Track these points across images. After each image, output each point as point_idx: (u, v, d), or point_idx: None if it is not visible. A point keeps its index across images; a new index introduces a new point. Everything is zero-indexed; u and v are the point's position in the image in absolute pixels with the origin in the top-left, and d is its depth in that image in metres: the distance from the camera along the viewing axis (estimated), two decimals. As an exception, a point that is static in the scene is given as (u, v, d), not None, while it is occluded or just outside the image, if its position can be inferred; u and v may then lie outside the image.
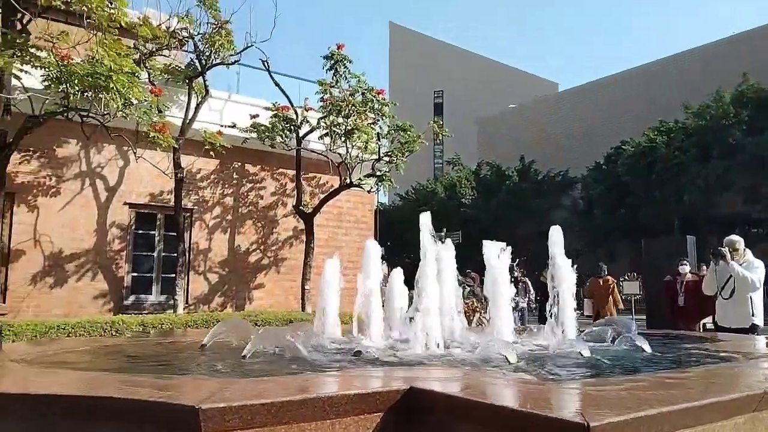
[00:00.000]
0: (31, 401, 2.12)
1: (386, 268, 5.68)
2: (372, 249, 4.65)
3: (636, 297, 12.57)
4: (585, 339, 4.40)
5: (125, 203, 9.92)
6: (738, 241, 7.15)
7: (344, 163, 10.47)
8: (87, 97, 7.85)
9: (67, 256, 9.29)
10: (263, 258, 11.30)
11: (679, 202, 36.45)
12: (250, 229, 11.23)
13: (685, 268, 9.17)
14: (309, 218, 10.55)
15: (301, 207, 10.61)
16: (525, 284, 14.64)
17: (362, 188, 11.12)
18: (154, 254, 10.22)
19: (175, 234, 9.61)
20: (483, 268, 4.66)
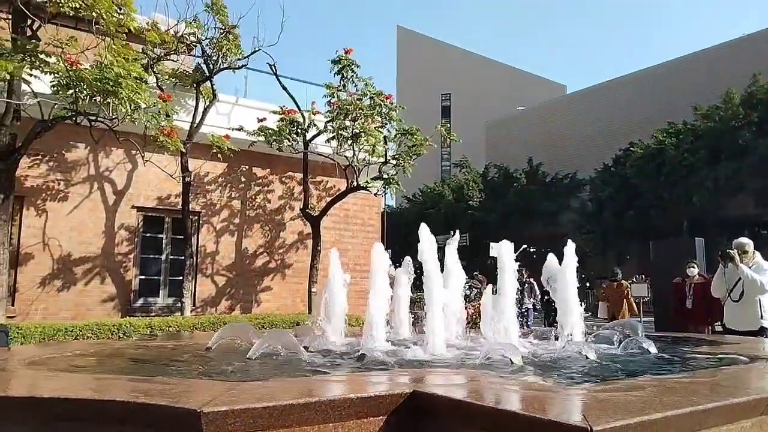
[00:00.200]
0: (34, 404, 2.13)
1: (393, 271, 5.68)
2: (378, 252, 4.64)
3: (644, 299, 12.52)
4: (592, 342, 4.39)
5: (133, 207, 9.97)
6: (747, 244, 7.09)
7: (351, 166, 10.48)
8: (95, 102, 7.90)
9: (76, 259, 9.35)
10: (270, 261, 11.33)
11: (688, 204, 36.19)
12: (257, 232, 11.26)
13: (694, 271, 9.08)
14: (316, 221, 10.56)
15: (308, 210, 10.63)
16: (531, 285, 14.60)
17: (369, 191, 11.12)
18: (162, 257, 10.27)
19: (183, 237, 9.66)
20: (490, 270, 4.68)
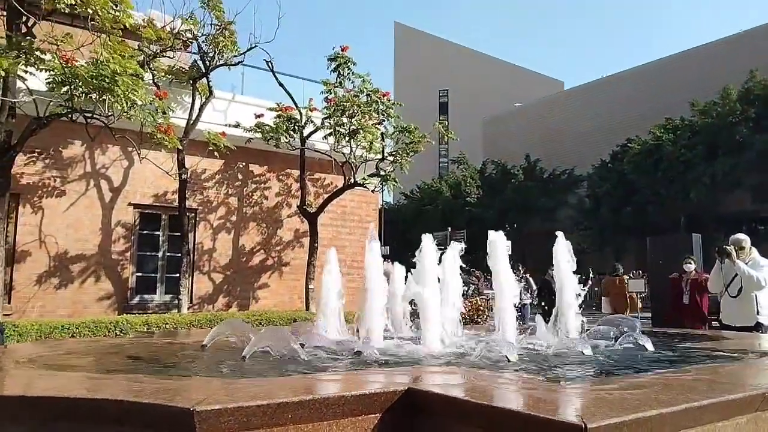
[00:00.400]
0: (28, 404, 2.13)
1: (390, 267, 5.68)
2: (374, 248, 4.63)
3: (641, 295, 12.59)
4: (588, 338, 4.39)
5: (130, 204, 9.95)
6: (744, 240, 7.10)
7: (348, 163, 10.46)
8: (91, 99, 7.88)
9: (72, 257, 9.33)
10: (267, 258, 11.32)
11: (686, 200, 36.26)
12: (254, 229, 11.25)
13: (690, 267, 9.11)
14: (313, 218, 10.55)
15: (305, 207, 10.62)
16: (527, 281, 14.64)
17: (366, 188, 11.10)
18: (159, 254, 10.25)
19: (180, 234, 9.64)
20: (486, 267, 4.67)
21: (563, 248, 4.55)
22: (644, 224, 36.20)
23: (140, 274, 10.05)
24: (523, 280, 14.58)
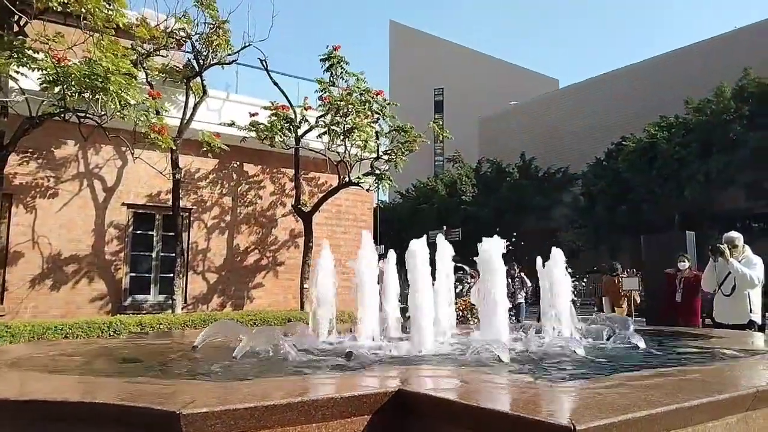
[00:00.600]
0: (14, 407, 2.11)
1: (383, 265, 5.67)
2: (366, 249, 4.62)
3: (637, 293, 12.59)
4: (581, 337, 4.39)
5: (123, 204, 9.91)
6: (737, 238, 7.13)
7: (343, 162, 10.44)
8: (84, 99, 7.83)
9: (65, 257, 9.29)
10: (262, 258, 11.29)
11: (680, 198, 36.32)
12: (249, 229, 11.22)
13: (685, 265, 9.12)
14: (308, 217, 10.53)
15: (300, 206, 10.59)
16: (522, 280, 14.62)
17: (361, 187, 11.08)
18: (153, 254, 10.21)
19: (174, 234, 9.60)
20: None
21: (559, 252, 4.56)
22: (639, 222, 36.25)
23: (134, 275, 10.01)
24: (518, 279, 14.56)
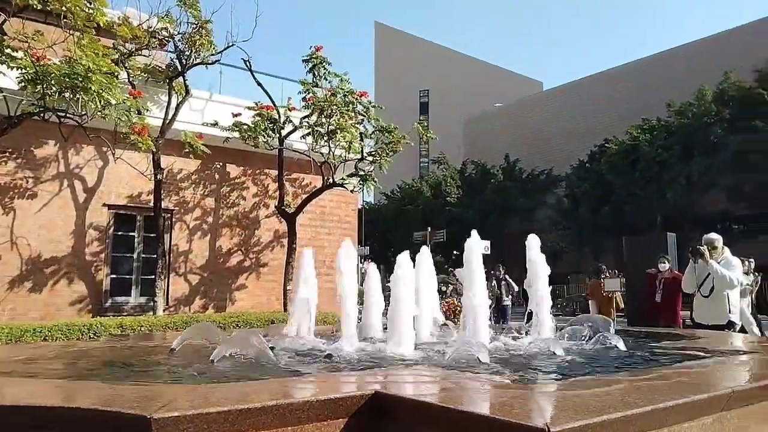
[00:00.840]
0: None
1: (369, 267, 5.66)
2: (347, 249, 4.60)
3: (616, 294, 12.69)
4: (562, 338, 4.41)
5: (104, 204, 9.79)
6: (716, 239, 7.21)
7: (327, 163, 10.41)
8: (64, 98, 7.74)
9: (45, 259, 9.16)
10: (245, 259, 11.22)
11: (662, 200, 36.75)
12: (232, 230, 11.13)
13: (665, 266, 9.22)
14: (291, 218, 10.48)
15: (284, 207, 10.54)
16: (507, 282, 14.70)
17: (345, 188, 11.05)
18: (134, 256, 10.10)
19: (155, 235, 9.51)
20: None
21: (536, 251, 4.57)
22: (622, 224, 36.60)
23: (115, 276, 9.89)
24: (504, 282, 14.62)
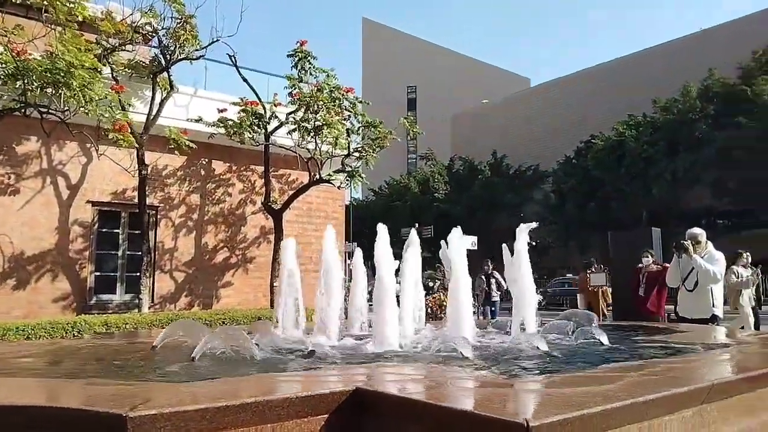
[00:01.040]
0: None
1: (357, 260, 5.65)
2: (330, 245, 4.59)
3: (602, 288, 12.78)
4: (546, 332, 4.43)
5: (88, 201, 9.70)
6: (700, 234, 7.27)
7: (314, 159, 10.37)
8: (46, 93, 7.65)
9: (28, 256, 9.06)
10: (231, 256, 11.16)
11: (647, 196, 37.03)
12: (218, 227, 11.07)
13: (648, 260, 9.28)
14: (278, 214, 10.44)
15: (270, 203, 10.50)
16: (496, 278, 14.72)
17: (332, 184, 11.02)
18: (119, 253, 10.01)
19: (140, 232, 9.43)
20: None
21: (523, 241, 4.56)
22: (608, 219, 36.86)
23: (99, 274, 9.81)
24: (493, 279, 14.62)
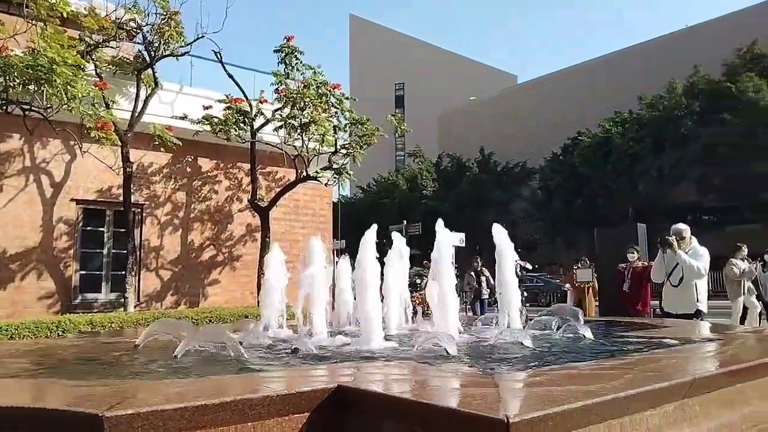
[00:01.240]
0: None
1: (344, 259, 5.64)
2: (315, 241, 4.57)
3: (589, 284, 12.85)
4: (531, 328, 4.44)
5: (72, 199, 9.60)
6: (684, 230, 7.31)
7: (300, 156, 10.33)
8: (28, 91, 7.56)
9: (11, 255, 8.96)
10: (218, 254, 11.10)
11: (634, 192, 37.27)
12: (204, 225, 11.01)
13: (633, 256, 9.33)
14: (264, 212, 10.39)
15: (257, 201, 10.44)
16: (485, 275, 14.73)
17: (319, 181, 10.98)
18: (104, 251, 9.93)
19: (125, 230, 9.35)
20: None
21: (504, 237, 4.58)
22: (595, 216, 37.04)
23: (84, 272, 9.72)
24: (483, 276, 14.62)
